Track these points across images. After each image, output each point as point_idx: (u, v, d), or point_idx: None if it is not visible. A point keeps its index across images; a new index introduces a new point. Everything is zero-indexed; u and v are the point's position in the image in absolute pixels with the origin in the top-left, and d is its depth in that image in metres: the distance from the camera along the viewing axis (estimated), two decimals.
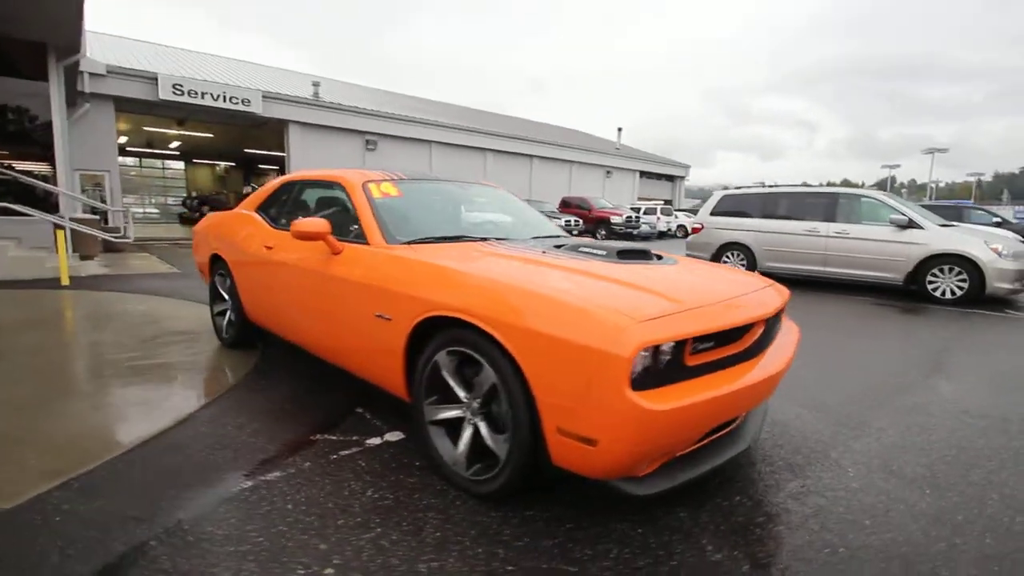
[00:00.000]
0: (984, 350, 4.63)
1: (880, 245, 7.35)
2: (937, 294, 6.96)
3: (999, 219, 12.58)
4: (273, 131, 19.02)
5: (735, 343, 1.98)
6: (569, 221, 18.74)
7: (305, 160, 17.86)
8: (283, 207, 3.56)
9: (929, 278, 7.01)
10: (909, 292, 7.24)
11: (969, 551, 1.83)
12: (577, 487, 2.16)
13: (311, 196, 3.45)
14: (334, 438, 2.57)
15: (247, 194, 24.85)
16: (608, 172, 28.61)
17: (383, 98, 24.32)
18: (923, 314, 6.23)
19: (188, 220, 23.71)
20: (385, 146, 19.86)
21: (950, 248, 6.82)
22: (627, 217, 19.95)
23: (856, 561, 1.76)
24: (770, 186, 12.63)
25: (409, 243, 2.60)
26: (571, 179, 26.89)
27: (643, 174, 31.00)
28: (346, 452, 2.43)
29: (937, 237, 6.95)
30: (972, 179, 59.21)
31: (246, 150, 25.51)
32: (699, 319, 1.82)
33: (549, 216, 18.64)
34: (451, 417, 2.19)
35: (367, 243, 2.64)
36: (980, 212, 13.28)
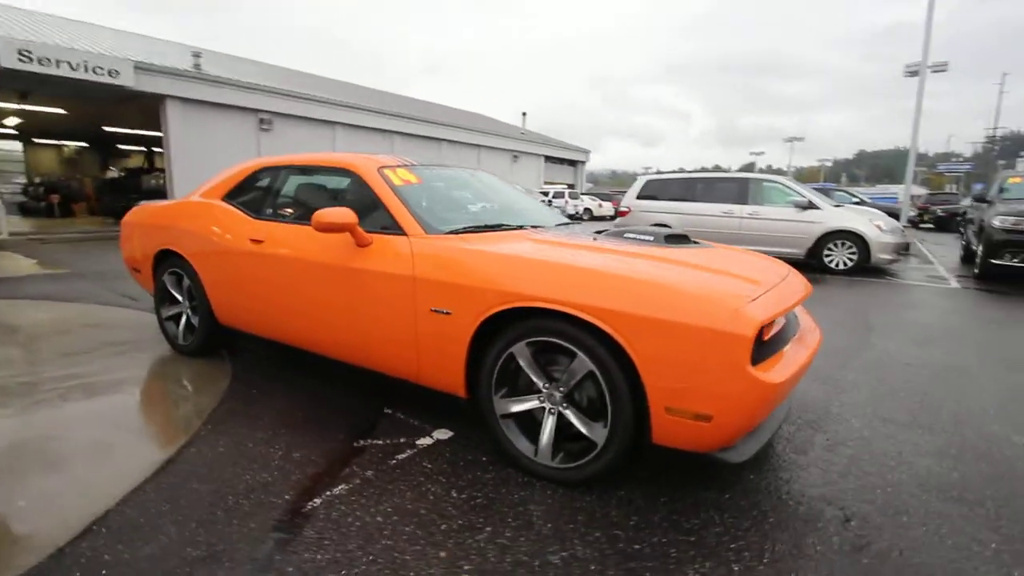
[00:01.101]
0: (891, 311, 5.47)
1: (785, 224, 8.30)
2: (832, 265, 8.05)
3: (858, 199, 14.73)
4: (144, 107, 16.62)
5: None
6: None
7: (187, 140, 15.89)
8: (265, 196, 3.18)
9: (826, 252, 8.08)
10: (809, 265, 8.28)
11: (974, 477, 2.21)
12: (646, 464, 2.25)
13: (305, 183, 3.12)
14: (380, 442, 2.41)
15: (113, 179, 21.64)
16: (515, 156, 28.89)
17: (279, 75, 22.24)
18: (828, 283, 7.19)
19: (32, 211, 20.06)
20: (283, 126, 18.27)
21: (843, 226, 7.90)
22: (540, 201, 20.44)
23: (904, 495, 2.05)
24: (667, 171, 13.57)
25: (452, 232, 2.48)
26: (479, 163, 26.77)
27: (548, 159, 31.73)
28: (403, 456, 2.29)
29: (832, 216, 8.01)
30: (819, 164, 68.44)
31: (105, 128, 22.07)
32: (778, 299, 1.98)
33: None
34: (527, 409, 2.16)
35: (403, 233, 2.47)
36: (842, 193, 15.45)
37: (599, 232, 2.66)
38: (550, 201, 20.90)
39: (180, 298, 3.61)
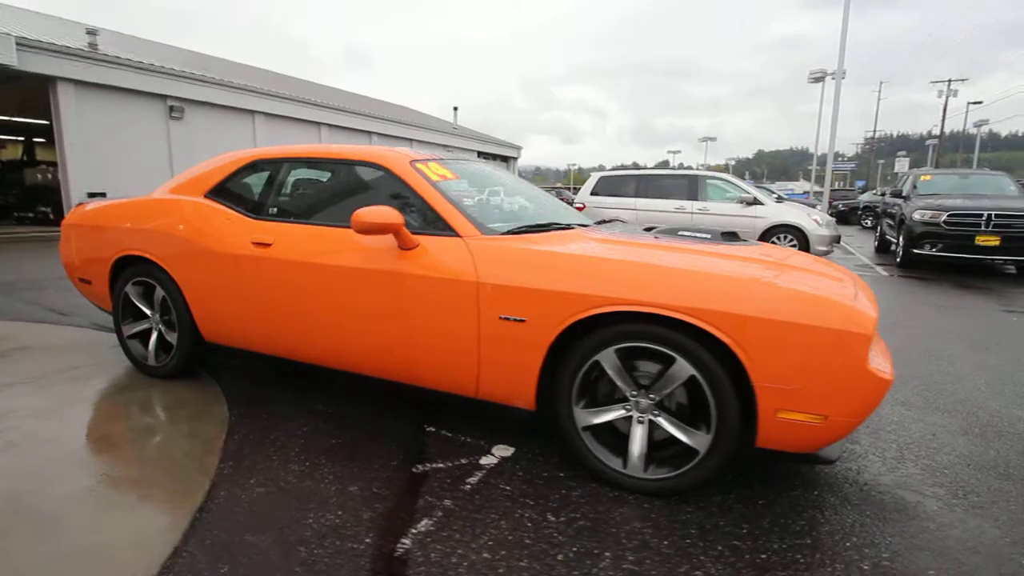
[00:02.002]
0: None
1: (733, 219, 8.75)
2: None
3: (777, 195, 15.93)
4: (27, 91, 14.50)
5: None
6: None
7: (83, 129, 14.02)
8: (267, 193, 2.78)
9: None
10: None
11: (1008, 453, 2.38)
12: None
13: (321, 179, 2.77)
14: (441, 466, 2.19)
15: None
16: (448, 151, 28.46)
17: (192, 59, 20.17)
18: None
19: None
20: (196, 115, 16.63)
21: (785, 220, 8.46)
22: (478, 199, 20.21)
23: (963, 476, 2.16)
24: (613, 169, 13.91)
25: (509, 233, 2.29)
26: None
27: (480, 154, 31.49)
28: (474, 479, 2.09)
29: (775, 211, 8.55)
30: (725, 163, 73.65)
31: None
32: (869, 296, 2.01)
33: None
34: (613, 419, 2.04)
35: (456, 234, 2.25)
36: (760, 189, 16.63)
37: (647, 230, 2.59)
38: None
39: (149, 312, 3.10)
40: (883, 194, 20.11)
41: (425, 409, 2.72)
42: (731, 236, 2.53)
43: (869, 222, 17.58)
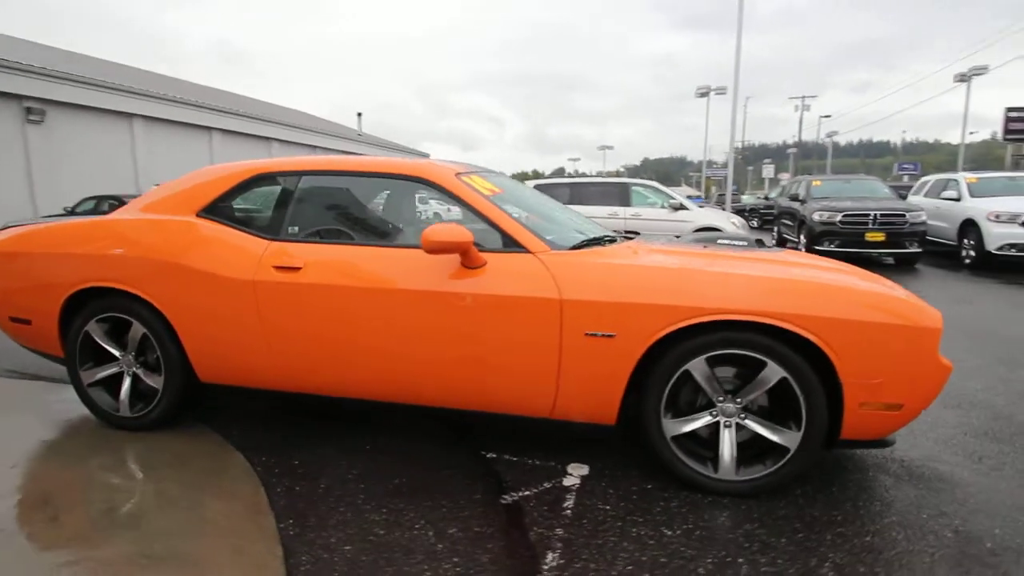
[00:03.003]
0: None
1: (663, 223, 9.35)
2: None
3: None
4: None
5: None
6: None
7: None
8: (283, 210, 2.44)
9: None
10: None
11: (984, 419, 2.79)
12: None
13: (348, 194, 2.50)
14: (528, 493, 2.09)
15: None
16: None
17: (58, 57, 17.29)
18: None
19: None
20: (60, 119, 14.35)
21: (708, 223, 9.19)
22: None
23: (961, 439, 2.49)
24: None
25: (575, 248, 2.25)
26: None
27: None
28: (569, 504, 2.02)
29: (699, 216, 9.27)
30: (618, 169, 78.57)
31: None
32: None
33: None
34: (700, 426, 2.08)
35: (525, 251, 2.16)
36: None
37: (697, 241, 2.69)
38: None
39: (118, 353, 2.62)
40: (766, 197, 22.63)
41: (469, 433, 2.58)
42: (760, 243, 2.71)
43: (755, 223, 19.65)
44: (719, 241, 2.65)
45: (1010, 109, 26.34)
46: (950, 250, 8.82)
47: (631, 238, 2.65)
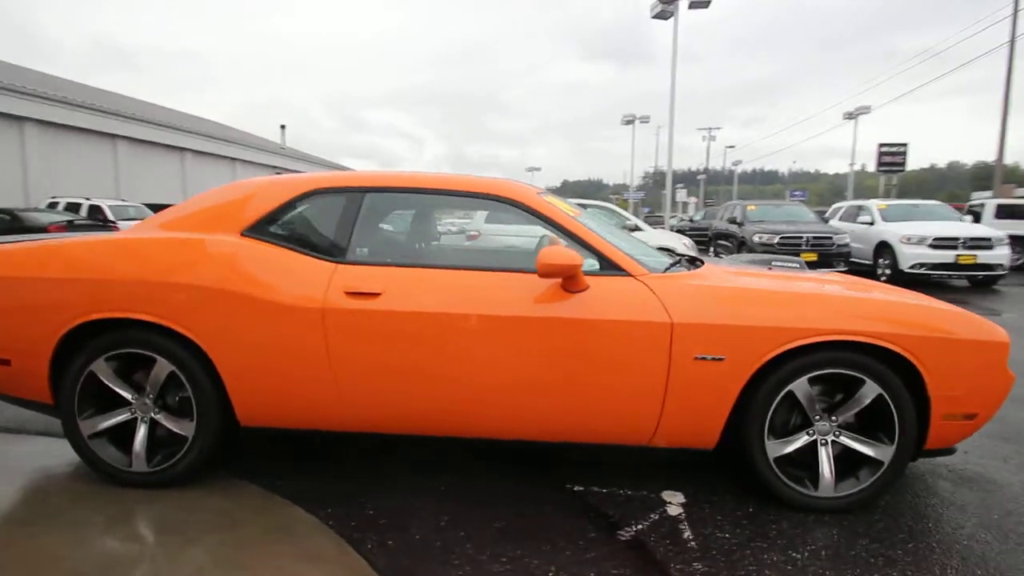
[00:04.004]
0: None
1: None
2: None
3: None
4: None
5: None
6: None
7: None
8: (347, 230, 2.19)
9: None
10: None
11: None
12: None
13: (421, 212, 2.29)
14: (641, 527, 2.01)
15: None
16: (278, 173, 25.75)
17: None
18: None
19: None
20: None
21: (663, 244, 9.58)
22: None
23: (979, 442, 2.75)
24: None
25: (666, 271, 2.23)
26: (235, 179, 22.95)
27: None
28: (687, 535, 1.96)
29: (654, 236, 9.68)
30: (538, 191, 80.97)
31: None
32: None
33: None
34: (800, 446, 2.12)
35: (626, 274, 2.11)
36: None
37: (754, 263, 2.77)
38: None
39: (131, 397, 2.22)
40: (691, 219, 24.11)
41: (537, 466, 2.46)
42: (806, 266, 2.86)
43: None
44: (773, 264, 2.76)
45: (882, 144, 30.41)
46: (867, 269, 9.90)
47: (696, 261, 2.68)
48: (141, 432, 2.22)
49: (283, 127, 28.14)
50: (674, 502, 2.18)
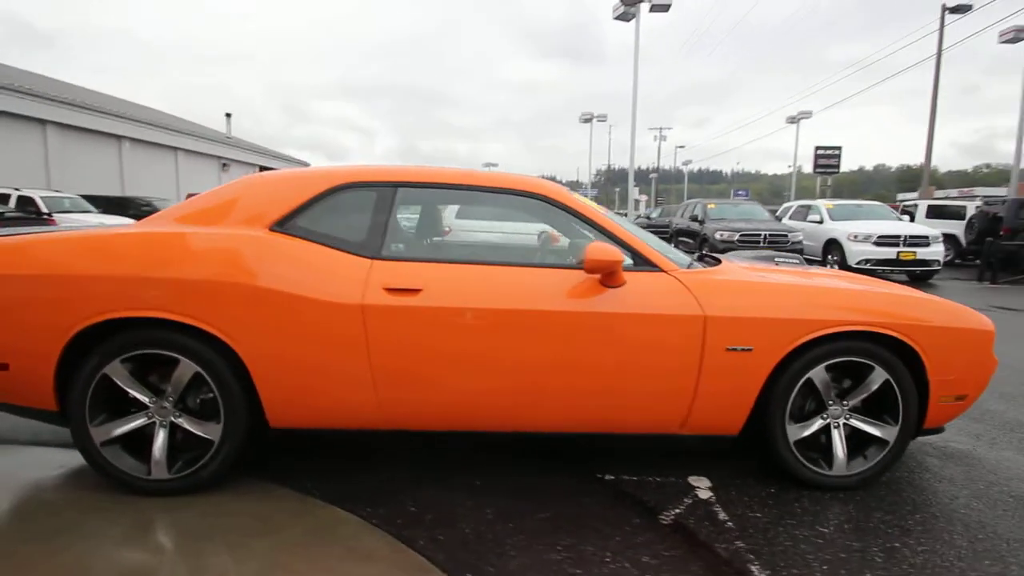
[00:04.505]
0: None
1: None
2: None
3: None
4: None
5: None
6: None
7: None
8: (382, 225, 2.15)
9: None
10: None
11: None
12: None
13: (454, 208, 2.27)
14: (679, 511, 2.10)
15: None
16: (225, 165, 24.43)
17: None
18: None
19: None
20: None
21: None
22: None
23: (957, 422, 3.03)
24: None
25: (690, 267, 2.32)
26: (178, 170, 21.62)
27: (262, 169, 27.92)
28: (723, 516, 2.07)
29: None
30: None
31: None
32: None
33: None
34: (816, 430, 2.28)
35: (659, 269, 2.19)
36: None
37: (757, 258, 2.92)
38: None
39: (147, 400, 2.10)
40: (648, 217, 24.71)
41: (564, 459, 2.51)
42: (809, 262, 3.04)
43: None
44: (776, 260, 2.93)
45: (819, 148, 32.38)
46: (816, 264, 10.57)
47: (712, 258, 2.79)
48: (160, 437, 2.11)
49: (228, 115, 26.75)
50: (702, 487, 2.29)
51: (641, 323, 2.10)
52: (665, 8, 14.85)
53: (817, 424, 2.29)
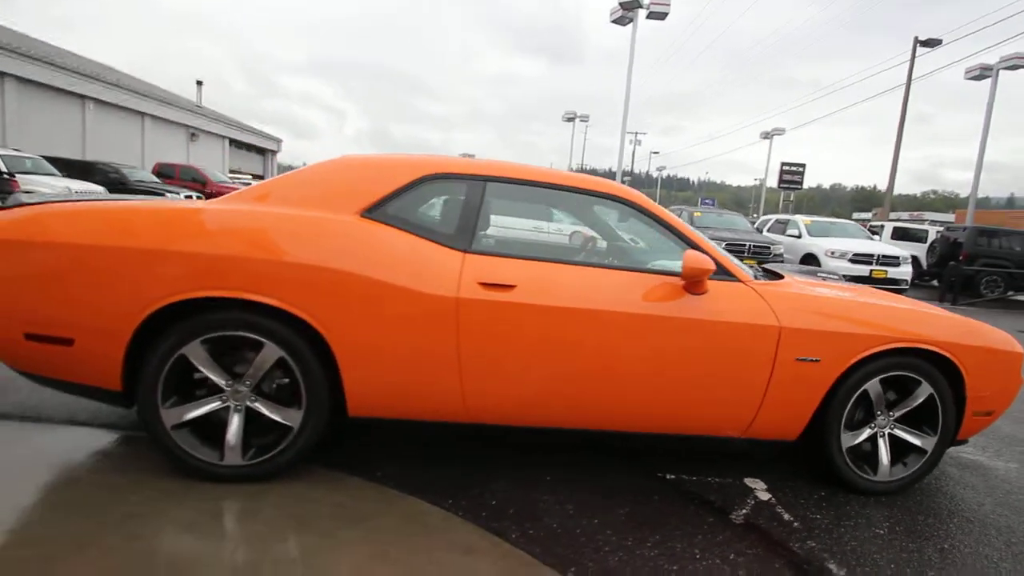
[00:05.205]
0: None
1: None
2: None
3: None
4: None
5: None
6: (191, 196, 14.75)
7: None
8: (471, 218, 2.14)
9: None
10: None
11: None
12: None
13: (536, 205, 2.27)
14: (745, 511, 2.20)
15: None
16: (193, 135, 23.26)
17: None
18: None
19: None
20: None
21: None
22: None
23: None
24: None
25: (757, 278, 2.42)
26: (144, 137, 20.48)
27: (233, 143, 26.80)
28: (786, 517, 2.19)
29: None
30: None
31: None
32: None
33: (158, 188, 14.23)
34: (864, 439, 2.43)
35: (736, 280, 2.28)
36: None
37: (807, 273, 3.05)
38: None
39: (224, 384, 2.04)
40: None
41: (620, 456, 2.58)
42: (844, 278, 3.21)
43: None
44: (818, 274, 3.07)
45: (784, 164, 33.71)
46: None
47: (773, 272, 2.91)
48: (235, 422, 2.05)
49: (199, 83, 25.51)
50: (759, 488, 2.41)
51: (723, 330, 2.18)
52: (662, 16, 15.15)
53: (866, 433, 2.43)
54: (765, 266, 3.10)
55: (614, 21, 15.62)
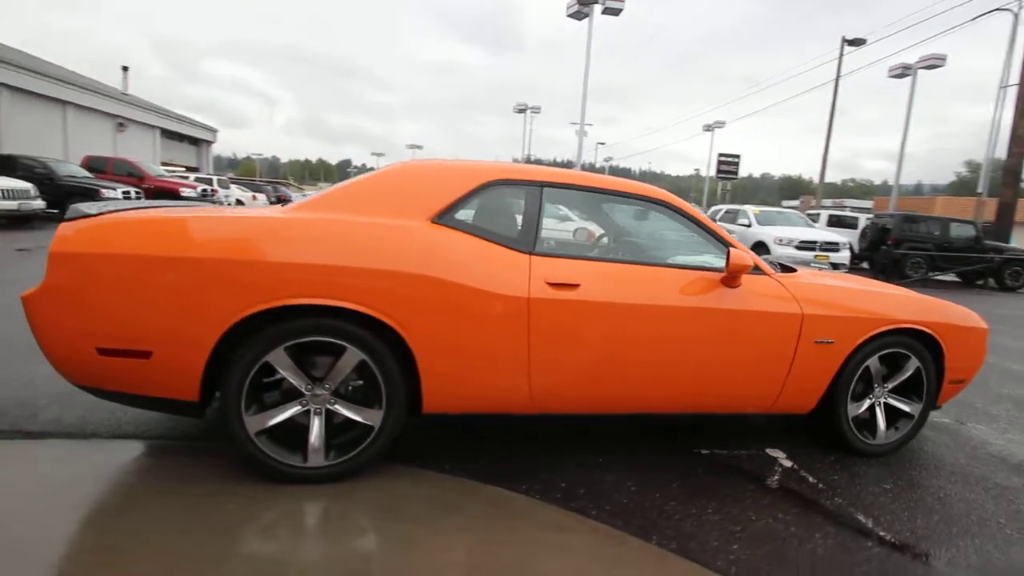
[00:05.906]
0: None
1: None
2: None
3: None
4: None
5: None
6: (129, 192, 13.80)
7: None
8: (532, 222, 2.27)
9: None
10: None
11: None
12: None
13: (587, 208, 2.43)
14: (777, 479, 2.49)
15: None
16: (121, 125, 21.54)
17: None
18: None
19: None
20: None
21: None
22: (202, 190, 16.53)
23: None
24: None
25: (780, 273, 2.71)
26: (67, 128, 18.80)
27: (165, 133, 25.04)
28: (812, 480, 2.49)
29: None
30: None
31: None
32: None
33: (91, 184, 13.21)
34: (866, 408, 2.79)
35: (762, 273, 2.55)
36: None
37: (808, 265, 3.38)
38: (214, 191, 17.15)
39: (304, 388, 2.09)
40: None
41: (657, 435, 2.83)
42: (834, 267, 3.58)
43: None
44: (811, 264, 3.42)
45: (721, 155, 35.45)
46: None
47: (786, 265, 3.22)
48: (316, 425, 2.11)
49: (125, 69, 23.59)
50: (781, 457, 2.72)
51: (758, 319, 2.45)
52: (616, 12, 15.61)
53: (867, 403, 2.80)
54: (769, 258, 3.43)
55: (571, 15, 15.97)
